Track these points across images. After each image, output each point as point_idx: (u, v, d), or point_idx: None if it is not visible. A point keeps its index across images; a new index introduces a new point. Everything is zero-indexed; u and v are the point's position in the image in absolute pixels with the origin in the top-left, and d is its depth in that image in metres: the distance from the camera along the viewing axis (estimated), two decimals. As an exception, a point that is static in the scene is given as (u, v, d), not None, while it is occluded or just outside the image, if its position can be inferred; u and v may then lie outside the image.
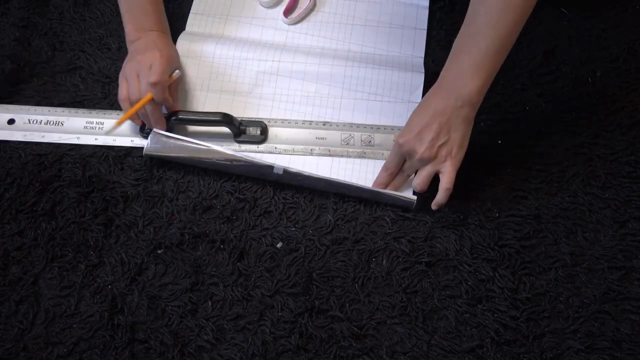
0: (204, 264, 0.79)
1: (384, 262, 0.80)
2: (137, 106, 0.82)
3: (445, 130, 0.75)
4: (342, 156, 0.87)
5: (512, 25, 0.72)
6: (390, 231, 0.81)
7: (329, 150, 0.87)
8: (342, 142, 0.88)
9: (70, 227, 0.81)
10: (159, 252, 0.80)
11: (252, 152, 0.87)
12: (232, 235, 0.81)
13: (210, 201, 0.83)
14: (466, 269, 0.79)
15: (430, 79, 0.91)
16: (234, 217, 0.82)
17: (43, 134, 0.87)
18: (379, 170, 0.84)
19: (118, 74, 0.92)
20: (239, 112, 0.90)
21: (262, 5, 0.99)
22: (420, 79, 0.91)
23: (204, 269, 0.79)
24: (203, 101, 0.91)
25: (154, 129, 0.83)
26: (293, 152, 0.87)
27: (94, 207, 0.82)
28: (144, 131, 0.87)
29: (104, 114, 0.89)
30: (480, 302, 0.77)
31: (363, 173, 0.86)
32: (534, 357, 0.74)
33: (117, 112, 0.89)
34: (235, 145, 0.87)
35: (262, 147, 0.87)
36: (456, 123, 0.75)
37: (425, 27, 0.97)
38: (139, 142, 0.87)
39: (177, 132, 0.87)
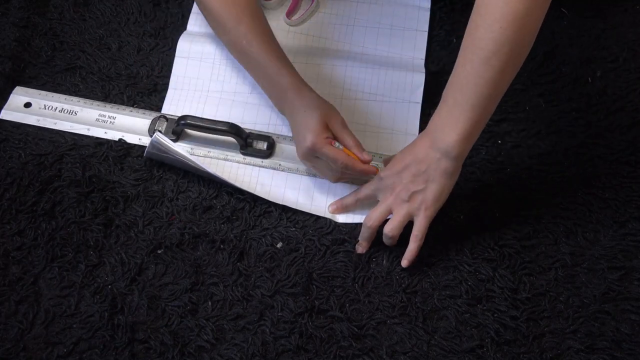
0: (204, 264, 0.79)
1: (384, 262, 0.79)
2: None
3: (422, 179, 0.74)
4: (346, 182, 0.85)
5: (494, 78, 0.68)
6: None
7: None
8: None
9: (70, 227, 0.81)
10: (159, 252, 0.80)
11: (256, 165, 0.86)
12: (232, 235, 0.81)
13: (210, 201, 0.83)
14: (466, 269, 0.79)
15: (430, 79, 0.91)
16: (234, 217, 0.82)
17: (56, 121, 0.89)
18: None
19: (118, 73, 0.93)
20: (239, 112, 0.90)
21: (265, 7, 0.99)
22: (420, 79, 0.91)
23: (204, 269, 0.79)
24: (204, 101, 0.91)
25: (156, 135, 0.83)
26: (297, 171, 0.86)
27: (94, 207, 0.82)
28: (152, 131, 0.87)
29: (117, 108, 0.90)
30: (480, 302, 0.77)
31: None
32: (534, 357, 0.74)
33: (131, 108, 0.90)
34: (240, 157, 0.86)
35: (266, 162, 0.86)
36: (434, 175, 0.73)
37: (427, 28, 0.97)
38: (146, 140, 0.86)
39: (184, 135, 0.87)
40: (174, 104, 0.91)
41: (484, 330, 0.75)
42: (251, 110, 0.91)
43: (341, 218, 0.83)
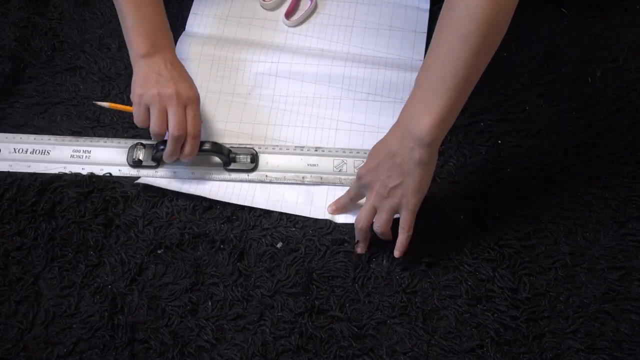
0: (204, 264, 0.79)
1: (384, 262, 0.79)
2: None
3: (399, 173, 0.72)
4: (334, 184, 0.85)
5: (471, 59, 0.67)
6: (390, 231, 0.81)
7: (322, 178, 0.85)
8: (335, 169, 0.85)
9: (70, 227, 0.81)
10: (159, 252, 0.80)
11: (242, 181, 0.85)
12: (232, 235, 0.81)
13: (210, 201, 0.83)
14: (466, 269, 0.79)
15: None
16: (234, 217, 0.82)
17: (29, 163, 0.85)
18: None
19: (118, 73, 0.93)
20: (238, 113, 0.90)
21: (263, 8, 0.99)
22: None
23: (204, 269, 0.79)
24: (202, 102, 0.91)
25: (140, 180, 0.83)
26: (284, 181, 0.85)
27: (94, 207, 0.82)
28: (132, 160, 0.85)
29: (91, 141, 0.87)
30: (480, 302, 0.77)
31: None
32: (534, 357, 0.74)
33: (104, 139, 0.87)
34: (225, 174, 0.85)
35: (252, 175, 0.85)
36: (409, 166, 0.71)
37: (426, 30, 0.97)
38: (126, 171, 0.85)
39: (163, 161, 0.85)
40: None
41: (484, 330, 0.75)
42: (250, 111, 0.91)
43: (340, 218, 0.83)
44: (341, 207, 0.83)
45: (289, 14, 0.98)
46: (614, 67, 0.94)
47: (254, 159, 0.86)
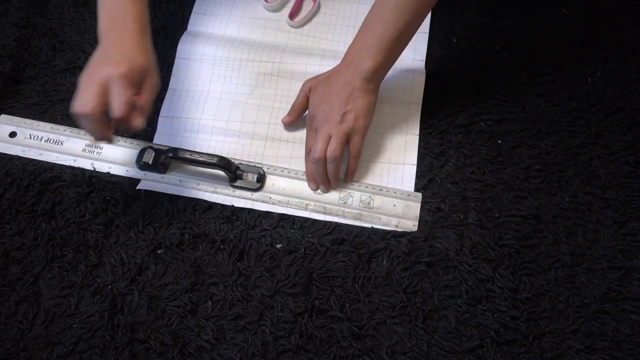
0: (204, 264, 0.79)
1: (384, 262, 0.79)
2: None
3: (351, 99, 0.80)
4: (337, 215, 0.83)
5: (418, 10, 0.78)
6: (390, 231, 0.81)
7: (325, 208, 0.84)
8: (340, 201, 0.84)
9: (70, 227, 0.81)
10: (159, 252, 0.80)
11: (246, 199, 0.84)
12: (232, 235, 0.81)
13: (210, 201, 0.83)
14: (466, 269, 0.79)
15: (430, 80, 0.91)
16: (234, 217, 0.82)
17: (41, 151, 0.86)
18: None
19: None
20: (239, 113, 0.90)
21: (266, 10, 0.99)
22: (421, 79, 0.91)
23: (204, 269, 0.79)
24: (203, 103, 0.91)
25: (140, 184, 0.83)
26: (287, 205, 0.84)
27: (94, 207, 0.82)
28: (140, 162, 0.85)
29: None
30: (480, 302, 0.77)
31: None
32: (534, 357, 0.74)
33: (117, 137, 0.87)
34: (230, 190, 0.84)
35: (256, 195, 0.84)
36: (360, 92, 0.80)
37: (427, 30, 0.96)
38: (134, 172, 0.85)
39: (173, 167, 0.85)
40: (173, 105, 0.91)
41: (484, 330, 0.75)
42: (251, 111, 0.91)
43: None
44: (315, 178, 0.84)
45: (292, 15, 0.98)
46: (614, 67, 0.94)
47: (261, 178, 0.85)
